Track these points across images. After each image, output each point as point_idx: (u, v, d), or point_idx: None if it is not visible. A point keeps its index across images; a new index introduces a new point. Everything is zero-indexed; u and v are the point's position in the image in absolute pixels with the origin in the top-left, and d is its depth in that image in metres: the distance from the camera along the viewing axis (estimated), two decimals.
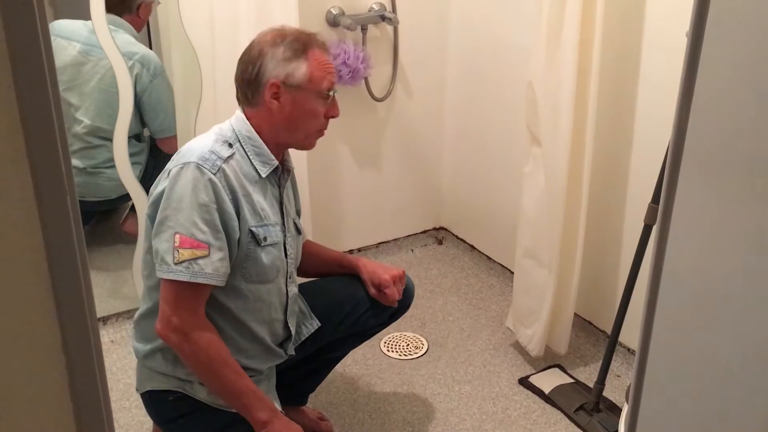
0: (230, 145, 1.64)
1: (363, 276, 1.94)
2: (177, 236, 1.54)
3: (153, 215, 1.61)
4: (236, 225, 1.60)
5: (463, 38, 2.87)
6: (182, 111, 2.46)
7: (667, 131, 0.80)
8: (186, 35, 2.26)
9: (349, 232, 3.00)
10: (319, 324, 1.89)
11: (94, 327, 0.73)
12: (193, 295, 1.57)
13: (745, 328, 0.74)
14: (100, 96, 2.56)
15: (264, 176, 1.68)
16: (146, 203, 1.67)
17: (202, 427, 1.71)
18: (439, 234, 3.23)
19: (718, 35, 0.70)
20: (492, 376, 2.38)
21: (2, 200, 0.65)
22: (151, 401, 1.73)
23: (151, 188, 1.66)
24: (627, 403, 1.38)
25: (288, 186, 1.81)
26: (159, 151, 2.67)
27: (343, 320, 1.93)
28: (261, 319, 1.72)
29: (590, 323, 2.56)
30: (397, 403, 2.26)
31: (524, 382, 2.35)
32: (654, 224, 1.61)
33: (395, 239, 3.14)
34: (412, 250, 3.16)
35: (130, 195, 2.46)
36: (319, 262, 1.99)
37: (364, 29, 2.67)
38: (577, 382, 2.33)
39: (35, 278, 0.68)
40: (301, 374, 2.02)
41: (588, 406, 2.18)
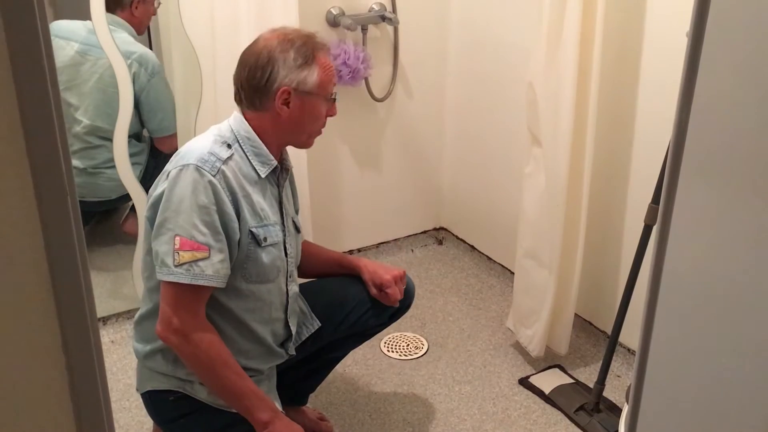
0: (229, 146, 1.64)
1: (364, 276, 1.94)
2: (177, 238, 1.54)
3: (152, 217, 1.60)
4: (236, 226, 1.60)
5: (463, 38, 2.87)
6: (182, 111, 2.47)
7: (668, 131, 0.80)
8: (186, 35, 2.26)
9: (349, 233, 3.00)
10: (320, 324, 1.89)
11: (94, 327, 0.73)
12: (194, 297, 1.57)
13: (745, 328, 0.74)
14: (99, 96, 2.56)
15: (263, 176, 1.68)
16: (146, 204, 1.67)
17: (203, 427, 1.72)
18: (440, 234, 3.23)
19: (718, 35, 0.70)
20: (492, 377, 2.38)
21: (2, 200, 0.65)
22: (152, 401, 1.73)
23: (150, 190, 1.65)
24: (627, 404, 1.38)
25: (287, 185, 1.81)
26: (159, 152, 2.67)
27: (344, 320, 1.93)
28: (262, 319, 1.72)
29: (590, 323, 2.56)
30: (397, 404, 2.26)
31: (524, 383, 2.34)
32: (654, 224, 1.60)
33: (395, 239, 3.14)
34: (413, 251, 3.16)
35: (131, 195, 2.46)
36: (320, 263, 1.99)
37: (364, 29, 2.67)
38: (578, 383, 2.33)
39: (35, 278, 0.68)
40: (302, 374, 2.02)
41: (588, 407, 2.18)
